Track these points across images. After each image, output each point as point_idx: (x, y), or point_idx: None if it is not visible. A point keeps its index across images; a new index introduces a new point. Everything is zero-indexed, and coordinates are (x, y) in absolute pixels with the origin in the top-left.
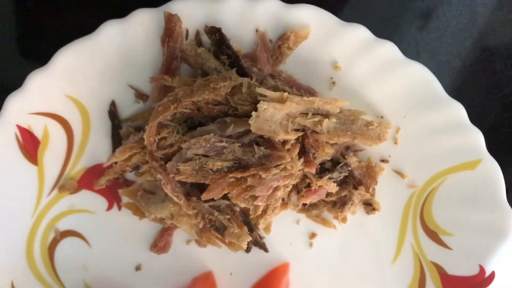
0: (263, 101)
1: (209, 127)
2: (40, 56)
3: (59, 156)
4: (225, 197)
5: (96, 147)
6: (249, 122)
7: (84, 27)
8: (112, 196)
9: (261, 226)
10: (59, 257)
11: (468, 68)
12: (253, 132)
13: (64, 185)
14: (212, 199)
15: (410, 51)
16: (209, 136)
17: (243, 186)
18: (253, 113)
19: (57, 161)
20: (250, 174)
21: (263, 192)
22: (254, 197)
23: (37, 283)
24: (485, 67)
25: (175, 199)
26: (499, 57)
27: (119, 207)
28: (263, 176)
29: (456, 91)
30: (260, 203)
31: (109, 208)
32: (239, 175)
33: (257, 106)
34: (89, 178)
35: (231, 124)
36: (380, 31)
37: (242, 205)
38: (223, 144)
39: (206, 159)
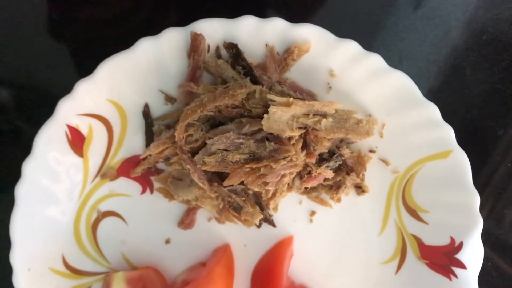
0: (273, 105)
1: (228, 126)
2: (85, 67)
3: (101, 149)
4: (241, 182)
5: (132, 142)
6: (262, 122)
7: (123, 42)
8: (145, 182)
9: (270, 206)
10: (101, 234)
11: (442, 73)
12: (264, 130)
13: (105, 173)
14: (231, 185)
15: (394, 59)
16: (229, 134)
17: (257, 174)
18: (265, 115)
19: (99, 154)
20: (263, 164)
21: (273, 179)
22: (266, 183)
23: (83, 256)
24: (457, 72)
25: (200, 184)
26: (469, 64)
27: (151, 191)
28: (273, 166)
29: (432, 92)
30: (271, 188)
31: (143, 192)
32: (254, 166)
33: (268, 109)
34: (126, 167)
35: (247, 124)
36: (370, 43)
37: (256, 189)
38: (241, 140)
39: (227, 153)
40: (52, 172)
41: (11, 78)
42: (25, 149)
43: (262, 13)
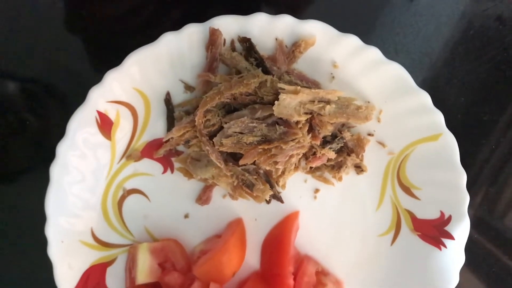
0: (282, 93)
1: (243, 112)
2: (114, 59)
3: (127, 133)
4: (253, 162)
5: (155, 126)
6: (273, 108)
7: (148, 37)
8: (166, 163)
9: (279, 183)
10: (126, 209)
11: (434, 64)
12: (275, 115)
13: (130, 155)
14: (245, 164)
15: (390, 51)
16: (243, 118)
17: (268, 155)
18: (275, 102)
19: (125, 137)
20: (274, 146)
21: (282, 159)
22: (276, 163)
23: (110, 230)
24: (447, 63)
25: (217, 164)
26: (457, 56)
27: (172, 171)
28: (283, 147)
29: (424, 82)
30: (280, 167)
31: (164, 171)
32: (265, 147)
33: (278, 97)
34: (149, 149)
35: (259, 109)
36: (369, 37)
37: (267, 168)
38: (254, 124)
39: (242, 135)
40: (82, 153)
41: (18, 71)
42: (32, 140)
43: (255, 7)
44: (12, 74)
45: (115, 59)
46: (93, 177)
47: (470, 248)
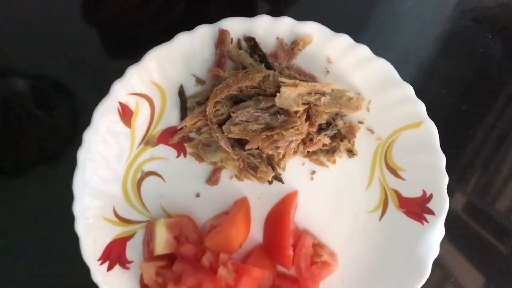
0: (283, 86)
1: (248, 103)
2: (134, 55)
3: (144, 121)
4: (257, 147)
5: (169, 116)
6: (275, 99)
7: (165, 37)
8: (180, 148)
9: (280, 166)
10: (144, 190)
11: (417, 60)
12: (277, 106)
13: (148, 141)
14: (250, 149)
15: (378, 48)
16: (249, 108)
17: (270, 140)
18: (277, 94)
19: (143, 125)
20: (276, 132)
21: (283, 144)
22: (277, 147)
23: (129, 208)
24: (428, 59)
25: (226, 149)
26: (438, 52)
27: (185, 155)
28: (284, 133)
29: (408, 75)
30: (281, 151)
31: (178, 156)
32: (268, 133)
33: (279, 89)
34: (165, 136)
35: (263, 100)
36: (359, 36)
37: (270, 152)
38: (258, 113)
39: (248, 123)
40: (105, 139)
41: (25, 68)
42: (41, 133)
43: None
44: (20, 70)
45: (123, 51)
46: (115, 160)
47: (463, 232)
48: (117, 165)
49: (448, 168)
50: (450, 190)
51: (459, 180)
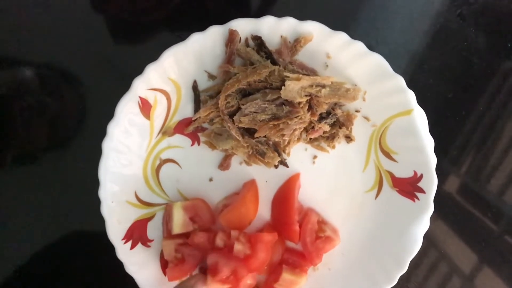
0: (287, 79)
1: (256, 95)
2: (153, 54)
3: (162, 114)
4: (264, 135)
5: (185, 108)
6: (280, 92)
7: (179, 37)
8: (194, 137)
9: (285, 152)
10: (162, 175)
11: (408, 53)
12: (282, 97)
13: (165, 131)
14: (258, 137)
15: (372, 43)
16: (257, 101)
17: (277, 129)
18: (282, 87)
19: (161, 117)
20: (281, 122)
21: (288, 132)
22: (282, 135)
23: (149, 192)
24: (418, 52)
25: (236, 137)
26: (427, 46)
27: (199, 144)
28: (289, 123)
29: (400, 68)
30: (286, 138)
31: (192, 144)
32: (275, 123)
33: (284, 83)
34: (180, 127)
35: (269, 93)
36: (355, 33)
37: (276, 139)
38: (265, 105)
39: (256, 114)
40: (127, 131)
41: (34, 58)
42: (51, 120)
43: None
44: (28, 61)
45: (126, 39)
46: (136, 149)
47: (456, 213)
48: (138, 153)
49: (437, 151)
50: (444, 173)
51: (453, 163)
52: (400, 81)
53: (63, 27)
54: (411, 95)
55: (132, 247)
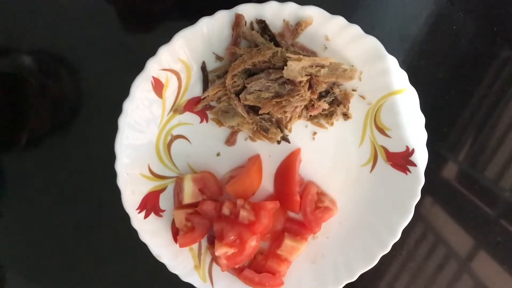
0: (290, 60)
1: (260, 75)
2: (165, 36)
3: (173, 93)
4: (267, 113)
5: (194, 88)
6: (283, 72)
7: (190, 20)
8: (203, 115)
9: (287, 128)
10: (173, 150)
11: (401, 37)
12: (284, 77)
13: (176, 109)
14: (262, 114)
15: (368, 27)
16: (261, 80)
17: (279, 106)
18: (285, 67)
19: (172, 96)
20: (284, 99)
21: (290, 109)
22: (285, 112)
23: (162, 165)
24: (410, 35)
25: (242, 114)
26: (418, 29)
27: (207, 121)
28: (291, 100)
29: (393, 49)
30: (288, 115)
31: (201, 121)
32: (278, 100)
33: (286, 63)
34: (190, 105)
35: (273, 73)
36: (352, 17)
37: (279, 116)
38: (269, 84)
39: (260, 92)
40: (141, 108)
41: (33, 47)
42: (52, 100)
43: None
44: (27, 48)
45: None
46: (149, 126)
47: (453, 198)
48: (151, 129)
49: (427, 128)
50: (442, 159)
51: (450, 150)
52: (394, 62)
53: (78, 13)
54: (404, 75)
55: (145, 217)
